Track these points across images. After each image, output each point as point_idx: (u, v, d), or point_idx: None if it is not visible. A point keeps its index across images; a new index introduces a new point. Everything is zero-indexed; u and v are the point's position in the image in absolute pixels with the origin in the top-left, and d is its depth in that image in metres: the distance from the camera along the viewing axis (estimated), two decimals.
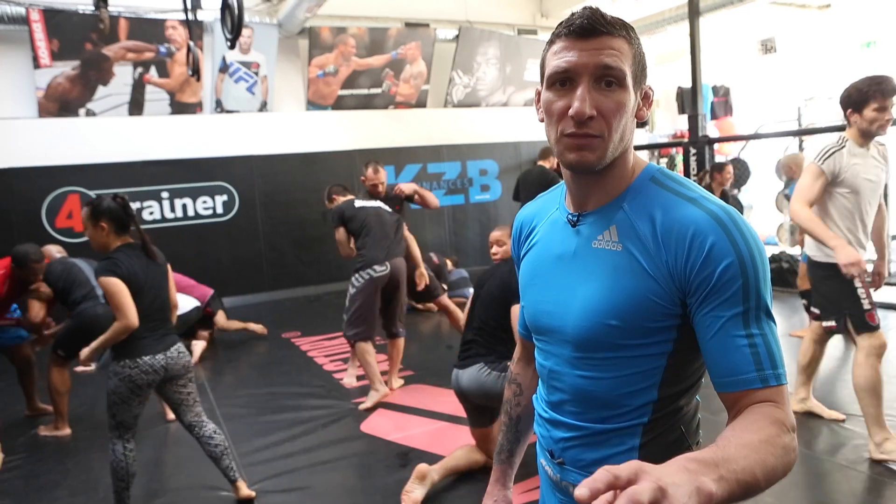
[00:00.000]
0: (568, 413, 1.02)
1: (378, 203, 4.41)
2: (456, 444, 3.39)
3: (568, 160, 0.93)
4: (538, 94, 1.00)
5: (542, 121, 0.99)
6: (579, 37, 0.90)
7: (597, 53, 0.90)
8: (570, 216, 1.02)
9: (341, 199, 4.60)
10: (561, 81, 0.92)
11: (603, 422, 0.98)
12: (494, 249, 3.17)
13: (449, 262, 7.33)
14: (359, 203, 4.36)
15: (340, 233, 4.29)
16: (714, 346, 0.88)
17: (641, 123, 1.03)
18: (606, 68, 0.90)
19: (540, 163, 6.79)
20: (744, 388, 0.85)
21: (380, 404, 4.10)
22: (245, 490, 2.95)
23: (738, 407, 0.86)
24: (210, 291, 5.78)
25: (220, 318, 5.88)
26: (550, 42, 0.95)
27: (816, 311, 3.17)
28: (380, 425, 3.77)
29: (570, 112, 0.90)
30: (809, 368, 3.43)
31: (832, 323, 3.01)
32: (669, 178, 0.98)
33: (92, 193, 7.09)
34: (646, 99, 0.97)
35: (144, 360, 2.66)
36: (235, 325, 5.98)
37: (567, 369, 1.01)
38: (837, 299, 2.93)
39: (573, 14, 0.92)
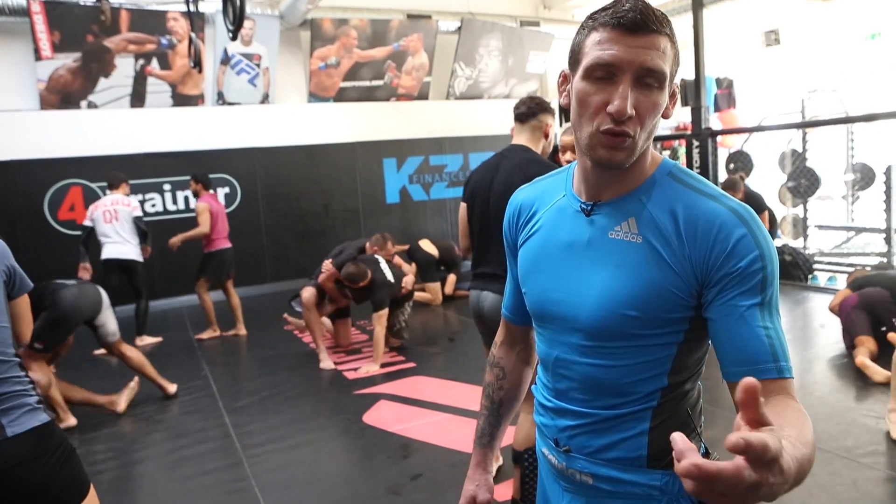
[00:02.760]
0: (576, 401, 1.03)
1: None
2: (458, 436, 3.40)
3: (599, 157, 0.93)
4: (564, 75, 0.99)
5: (566, 105, 0.98)
6: (629, 31, 0.87)
7: (643, 52, 0.87)
8: (583, 205, 1.01)
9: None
10: (600, 75, 0.90)
11: (612, 408, 0.99)
12: None
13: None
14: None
15: None
16: (733, 335, 0.89)
17: None
18: (651, 70, 0.88)
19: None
20: (761, 377, 0.86)
21: (382, 395, 4.11)
22: None
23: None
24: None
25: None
26: (591, 28, 0.92)
27: None
28: (382, 417, 3.78)
29: (611, 109, 0.89)
30: None
31: None
32: (687, 175, 0.99)
33: (94, 186, 7.10)
34: (672, 97, 0.96)
35: None
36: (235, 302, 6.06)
37: (576, 357, 1.01)
38: None
39: (620, 3, 0.89)
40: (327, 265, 4.81)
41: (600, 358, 0.98)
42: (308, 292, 4.86)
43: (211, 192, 6.02)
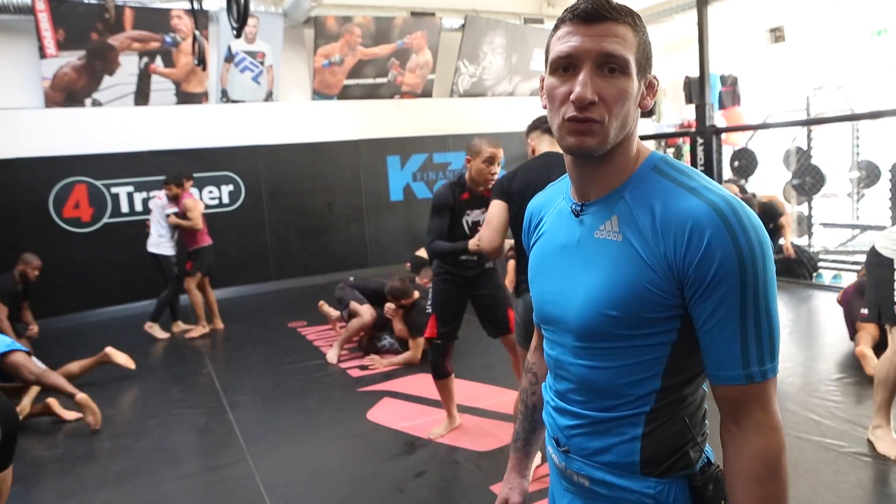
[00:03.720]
0: (573, 402, 1.03)
1: None
2: (462, 433, 3.41)
3: (568, 144, 0.94)
4: (542, 81, 1.00)
5: (545, 107, 0.99)
6: (583, 22, 0.91)
7: (600, 40, 0.90)
8: (573, 206, 1.02)
9: None
10: (564, 67, 0.92)
11: (606, 410, 0.98)
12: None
13: None
14: None
15: None
16: (707, 340, 0.90)
17: (647, 113, 1.02)
18: (609, 55, 0.90)
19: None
20: (728, 383, 0.89)
21: (386, 393, 4.12)
22: None
23: (724, 405, 0.91)
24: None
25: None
26: (555, 28, 0.96)
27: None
28: (386, 414, 3.79)
29: (572, 97, 0.90)
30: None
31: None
32: (672, 167, 0.97)
33: (98, 183, 7.12)
34: (650, 88, 0.97)
35: None
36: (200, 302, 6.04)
37: (571, 358, 1.01)
38: (875, 287, 3.00)
39: (579, 0, 0.93)
40: (389, 308, 4.74)
41: (591, 359, 0.98)
42: (370, 315, 4.83)
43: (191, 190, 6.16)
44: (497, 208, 2.51)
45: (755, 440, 0.88)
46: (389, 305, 4.74)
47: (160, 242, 5.96)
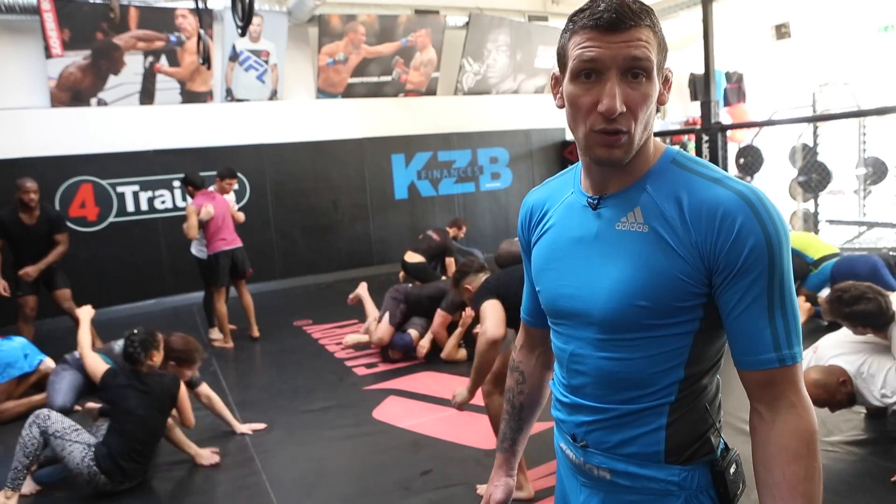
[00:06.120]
0: (591, 396, 1.03)
1: None
2: (467, 431, 3.41)
3: (597, 156, 0.94)
4: (555, 78, 1.00)
5: (560, 107, 0.99)
6: (606, 30, 0.89)
7: (625, 46, 0.89)
8: (590, 199, 1.02)
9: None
10: (587, 74, 0.91)
11: (630, 402, 0.99)
12: None
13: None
14: None
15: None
16: (737, 325, 0.91)
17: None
18: (635, 60, 0.89)
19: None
20: (763, 367, 0.90)
21: (391, 391, 4.12)
22: None
23: (757, 389, 0.93)
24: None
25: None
26: (572, 31, 0.93)
27: None
28: (391, 412, 3.79)
29: (601, 108, 0.90)
30: None
31: None
32: (690, 160, 0.99)
33: (104, 183, 7.14)
34: (666, 83, 0.97)
35: None
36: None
37: (591, 352, 1.01)
38: None
39: (596, 3, 0.90)
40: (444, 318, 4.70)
41: (615, 351, 0.98)
42: (388, 335, 4.70)
43: (209, 189, 5.81)
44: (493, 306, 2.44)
45: (792, 420, 0.90)
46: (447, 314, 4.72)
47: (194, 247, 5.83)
